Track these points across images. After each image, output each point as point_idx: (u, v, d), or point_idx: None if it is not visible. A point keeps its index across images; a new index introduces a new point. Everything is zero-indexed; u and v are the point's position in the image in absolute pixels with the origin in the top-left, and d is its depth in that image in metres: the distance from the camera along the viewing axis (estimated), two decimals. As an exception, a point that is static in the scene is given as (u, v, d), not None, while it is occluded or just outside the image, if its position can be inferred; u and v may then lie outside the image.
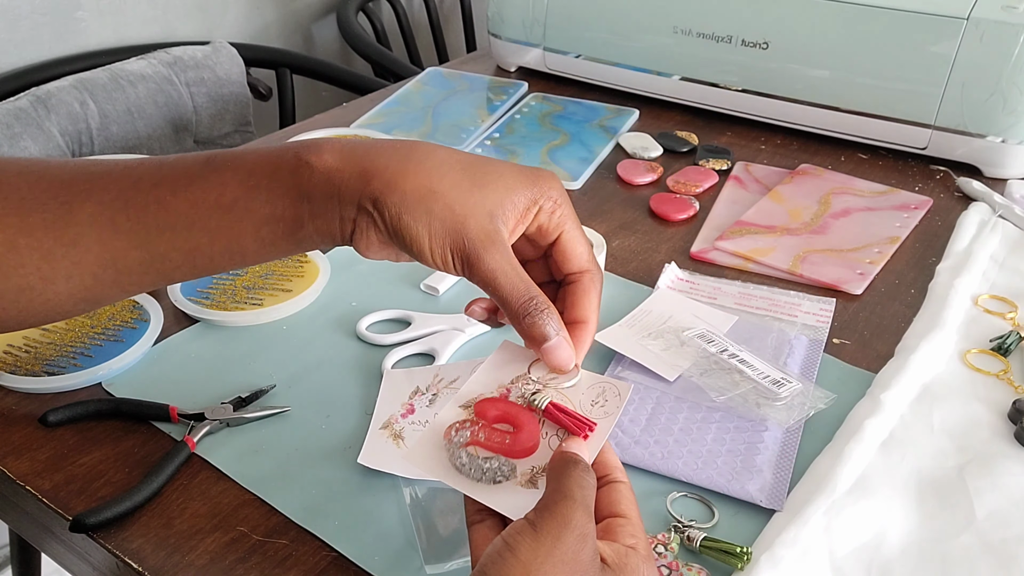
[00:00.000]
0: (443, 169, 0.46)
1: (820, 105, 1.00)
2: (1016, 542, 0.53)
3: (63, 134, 1.28)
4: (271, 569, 0.50)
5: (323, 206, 0.46)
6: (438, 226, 0.45)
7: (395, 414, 0.59)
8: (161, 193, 0.47)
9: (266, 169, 0.47)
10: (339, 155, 0.46)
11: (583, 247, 0.49)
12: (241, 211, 0.47)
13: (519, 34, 1.17)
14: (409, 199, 0.45)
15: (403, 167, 0.46)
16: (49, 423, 0.59)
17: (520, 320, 0.46)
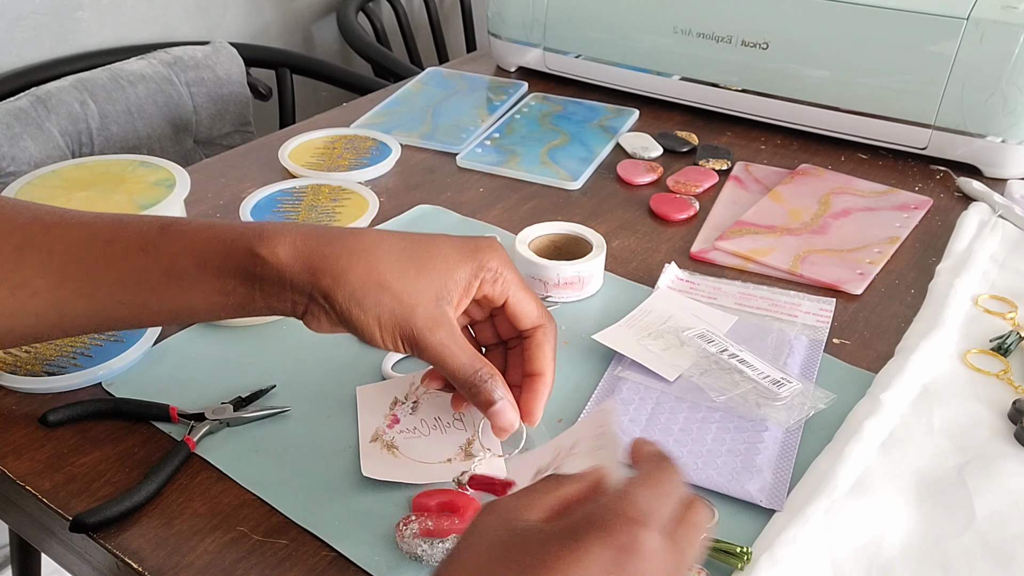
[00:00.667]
0: (390, 259, 0.49)
1: (820, 105, 1.00)
2: (1016, 542, 0.53)
3: (63, 134, 1.28)
4: (271, 569, 0.50)
5: (274, 290, 0.49)
6: (387, 316, 0.48)
7: (380, 426, 0.59)
8: (113, 252, 0.49)
9: (219, 250, 0.49)
10: (291, 249, 0.48)
11: (531, 304, 0.53)
12: (191, 283, 0.49)
13: (519, 34, 1.17)
14: (357, 294, 0.48)
15: (351, 261, 0.48)
16: (49, 423, 0.59)
17: (468, 391, 0.50)
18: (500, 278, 0.51)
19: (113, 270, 0.49)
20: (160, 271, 0.48)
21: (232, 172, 0.94)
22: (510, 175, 0.94)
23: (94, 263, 0.49)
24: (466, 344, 0.50)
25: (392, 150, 0.97)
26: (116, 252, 0.49)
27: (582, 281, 0.73)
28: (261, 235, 0.48)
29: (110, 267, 0.49)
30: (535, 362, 0.53)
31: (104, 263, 0.49)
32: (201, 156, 1.48)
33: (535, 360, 0.53)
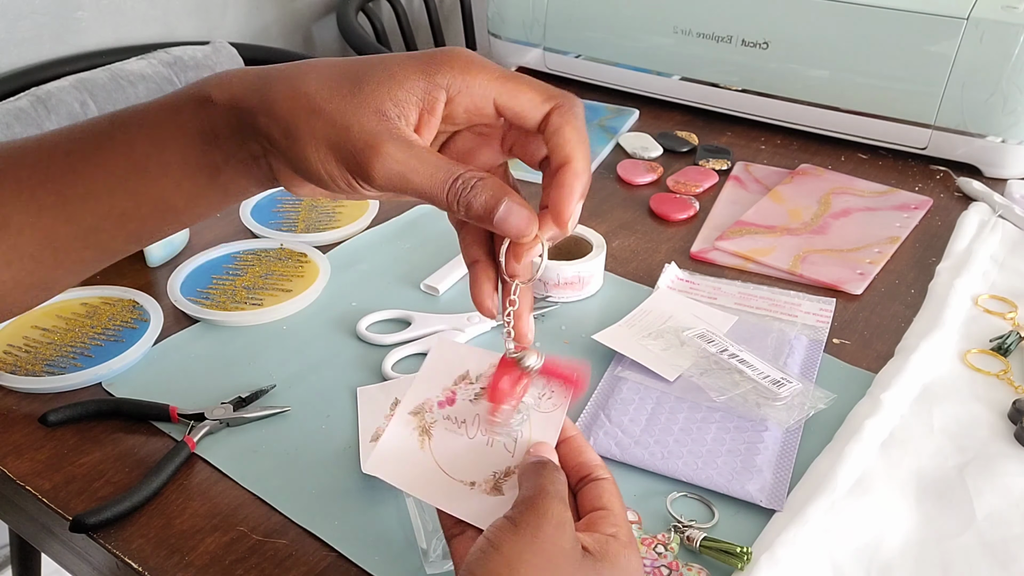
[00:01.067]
0: (319, 80, 0.41)
1: (820, 105, 1.00)
2: (1016, 542, 0.53)
3: (63, 134, 1.28)
4: (271, 569, 0.50)
5: (231, 145, 0.43)
6: (324, 147, 0.40)
7: (381, 425, 0.59)
8: (74, 161, 0.45)
9: (169, 118, 0.44)
10: (240, 85, 0.42)
11: (527, 93, 0.41)
12: (156, 168, 0.44)
13: (519, 34, 1.17)
14: (290, 127, 0.40)
15: (280, 92, 0.41)
16: (49, 423, 0.59)
17: (457, 208, 0.40)
18: (473, 83, 0.41)
19: (81, 180, 0.45)
20: (123, 164, 0.44)
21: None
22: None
23: (61, 177, 0.45)
24: (431, 153, 0.40)
25: (392, 150, 0.97)
26: (76, 159, 0.45)
27: (582, 281, 0.73)
28: (200, 85, 0.43)
29: (77, 177, 0.45)
30: (558, 151, 0.41)
31: (71, 175, 0.45)
32: (201, 156, 1.48)
33: (557, 148, 0.41)
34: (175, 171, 0.44)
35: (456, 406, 0.47)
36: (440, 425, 0.47)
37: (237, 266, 0.75)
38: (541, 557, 0.38)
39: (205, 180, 0.45)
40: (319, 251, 0.77)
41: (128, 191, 0.45)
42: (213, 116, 0.43)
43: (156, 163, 0.44)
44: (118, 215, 0.46)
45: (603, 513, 0.43)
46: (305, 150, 0.40)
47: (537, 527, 0.39)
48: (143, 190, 0.45)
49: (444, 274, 0.75)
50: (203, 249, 0.77)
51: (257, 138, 0.42)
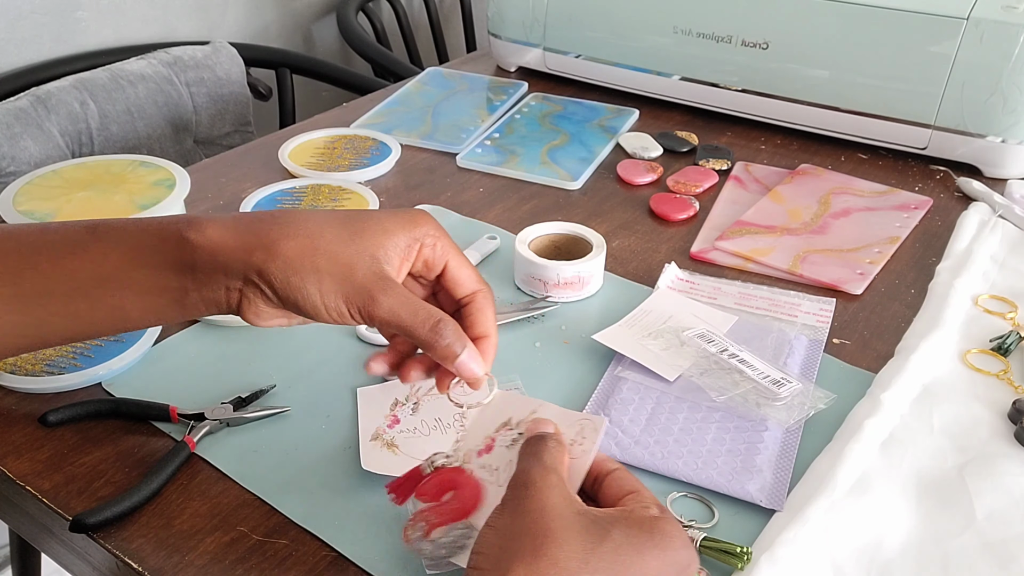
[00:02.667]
0: (321, 227, 0.47)
1: (820, 105, 1.00)
2: (1016, 542, 0.53)
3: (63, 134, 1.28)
4: (271, 569, 0.50)
5: (208, 278, 0.47)
6: (328, 281, 0.46)
7: (381, 426, 0.59)
8: (39, 260, 0.47)
9: (149, 243, 0.47)
10: (221, 230, 0.47)
11: (469, 270, 0.51)
12: (123, 281, 0.47)
13: (519, 34, 1.17)
14: (293, 262, 0.46)
15: (282, 232, 0.47)
16: (49, 423, 0.59)
17: (432, 345, 0.48)
18: (439, 243, 0.50)
19: (42, 279, 0.47)
20: (91, 274, 0.47)
21: (232, 172, 0.94)
22: (510, 175, 0.94)
23: (21, 273, 0.47)
24: (416, 297, 0.48)
25: (392, 150, 0.97)
26: (43, 260, 0.47)
27: (582, 281, 0.73)
28: (191, 222, 0.47)
29: (38, 276, 0.47)
30: (479, 326, 0.51)
31: (31, 272, 0.47)
32: (201, 156, 1.48)
33: (478, 324, 0.51)
34: (141, 287, 0.48)
35: (493, 453, 0.50)
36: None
37: (237, 266, 0.75)
38: (525, 519, 0.41)
39: (168, 301, 0.48)
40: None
41: (88, 298, 0.48)
42: (195, 254, 0.47)
43: (125, 278, 0.47)
44: (70, 315, 0.48)
45: (632, 496, 0.45)
46: (306, 285, 0.46)
47: (520, 496, 0.42)
48: (103, 299, 0.48)
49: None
50: (203, 249, 0.77)
51: (244, 275, 0.46)
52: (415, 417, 0.59)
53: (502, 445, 0.49)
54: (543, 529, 0.40)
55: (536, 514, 0.41)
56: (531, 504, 0.41)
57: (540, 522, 0.40)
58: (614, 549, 0.40)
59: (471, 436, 0.51)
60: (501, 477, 0.48)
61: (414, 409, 0.60)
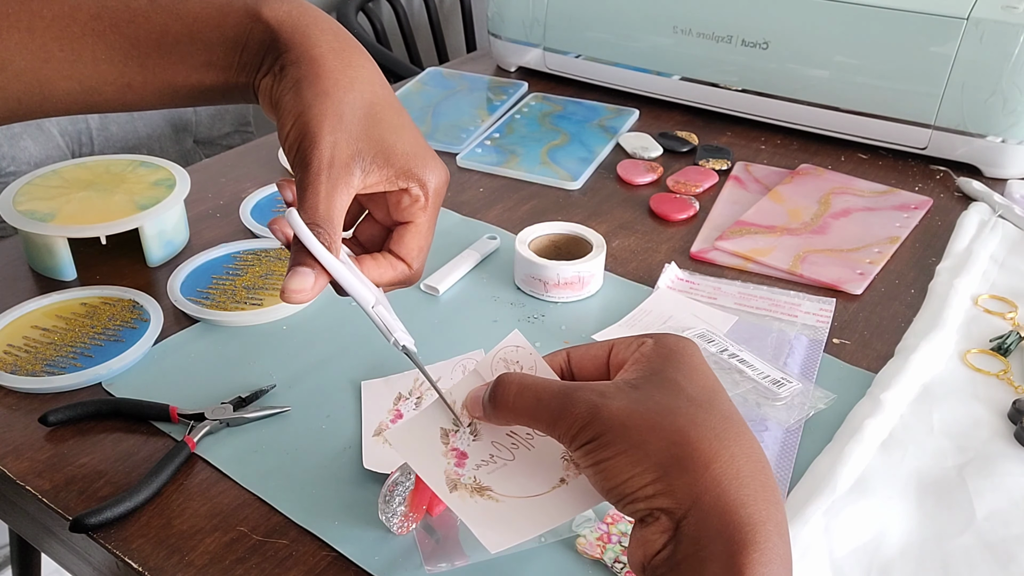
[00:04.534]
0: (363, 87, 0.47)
1: (820, 105, 1.00)
2: (1016, 542, 0.53)
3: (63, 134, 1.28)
4: (271, 569, 0.50)
5: (255, 55, 0.47)
6: (299, 113, 0.45)
7: (384, 420, 0.59)
8: (100, 26, 0.46)
9: (211, 16, 0.47)
10: (288, 9, 0.46)
11: (420, 247, 0.49)
12: (180, 54, 0.47)
13: (519, 34, 1.17)
14: (304, 81, 0.45)
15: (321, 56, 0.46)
16: (49, 423, 0.59)
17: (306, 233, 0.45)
18: (422, 202, 0.48)
19: (100, 44, 0.46)
20: (151, 43, 0.46)
21: (232, 172, 0.94)
22: (510, 175, 0.94)
23: (79, 37, 0.46)
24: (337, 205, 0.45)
25: (392, 150, 0.97)
26: (103, 26, 0.46)
27: (582, 281, 0.73)
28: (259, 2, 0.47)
29: (98, 41, 0.46)
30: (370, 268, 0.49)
31: (91, 37, 0.46)
32: (201, 156, 1.48)
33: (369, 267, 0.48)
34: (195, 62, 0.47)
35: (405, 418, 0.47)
36: None
37: (237, 266, 0.75)
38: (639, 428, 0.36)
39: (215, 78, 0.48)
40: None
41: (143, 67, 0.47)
42: (251, 28, 0.46)
43: (181, 52, 0.47)
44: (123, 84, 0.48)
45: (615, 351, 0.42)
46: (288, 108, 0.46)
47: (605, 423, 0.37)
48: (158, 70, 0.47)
49: (444, 274, 0.75)
50: (203, 249, 0.77)
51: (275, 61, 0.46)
52: None
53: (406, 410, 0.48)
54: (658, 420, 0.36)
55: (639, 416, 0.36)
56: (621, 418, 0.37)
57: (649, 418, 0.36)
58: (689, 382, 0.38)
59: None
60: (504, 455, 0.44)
61: (417, 404, 0.60)
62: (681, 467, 0.35)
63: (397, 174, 0.47)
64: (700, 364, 0.40)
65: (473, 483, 0.44)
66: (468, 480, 0.44)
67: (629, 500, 0.36)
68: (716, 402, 0.38)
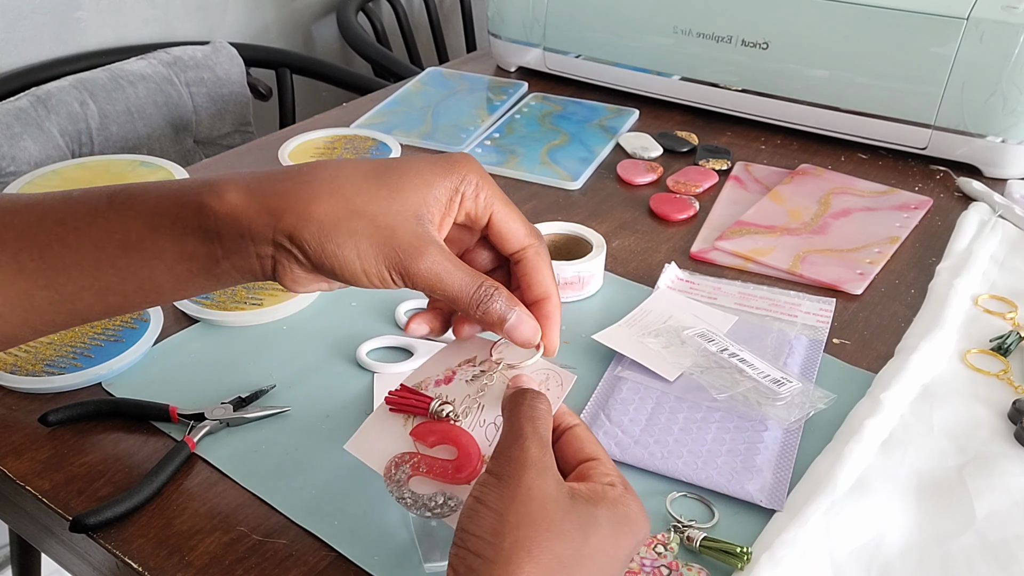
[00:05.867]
0: (355, 184, 0.44)
1: (820, 105, 1.00)
2: (1016, 542, 0.53)
3: (63, 134, 1.28)
4: (271, 569, 0.50)
5: (235, 244, 0.44)
6: (366, 246, 0.43)
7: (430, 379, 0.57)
8: (64, 232, 0.45)
9: (170, 209, 0.45)
10: (242, 193, 0.44)
11: (517, 223, 0.48)
12: (150, 250, 0.45)
13: (519, 34, 1.17)
14: (327, 226, 0.43)
15: (312, 193, 0.44)
16: (49, 423, 0.59)
17: (475, 311, 0.45)
18: (482, 192, 0.46)
19: (68, 251, 0.45)
20: (115, 243, 0.45)
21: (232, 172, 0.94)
22: (510, 175, 0.94)
23: (48, 246, 0.45)
24: (460, 261, 0.45)
25: (392, 150, 0.97)
26: (68, 230, 0.45)
27: (582, 281, 0.73)
28: (210, 186, 0.44)
29: (65, 248, 0.45)
30: (537, 286, 0.47)
31: (58, 244, 0.45)
32: (201, 156, 1.48)
33: (536, 284, 0.47)
34: (170, 256, 0.45)
35: (452, 385, 0.48)
36: (477, 440, 0.47)
37: (237, 266, 0.75)
38: (527, 505, 0.39)
39: (199, 268, 0.45)
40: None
41: (116, 268, 0.45)
42: (216, 220, 0.44)
43: (151, 246, 0.45)
44: (100, 288, 0.46)
45: (592, 464, 0.44)
46: (343, 251, 0.43)
47: (519, 476, 0.40)
48: (132, 269, 0.45)
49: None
50: (203, 249, 0.77)
51: (274, 240, 0.43)
52: (463, 389, 0.56)
53: (461, 379, 0.48)
54: (544, 519, 0.39)
55: (537, 501, 0.39)
56: (531, 489, 0.40)
57: (541, 511, 0.39)
58: (601, 538, 0.40)
59: (432, 365, 0.49)
60: (457, 410, 0.47)
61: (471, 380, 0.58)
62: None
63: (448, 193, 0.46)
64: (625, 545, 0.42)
65: None
66: None
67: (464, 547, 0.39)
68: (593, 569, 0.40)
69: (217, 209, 0.44)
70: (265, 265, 0.45)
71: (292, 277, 0.45)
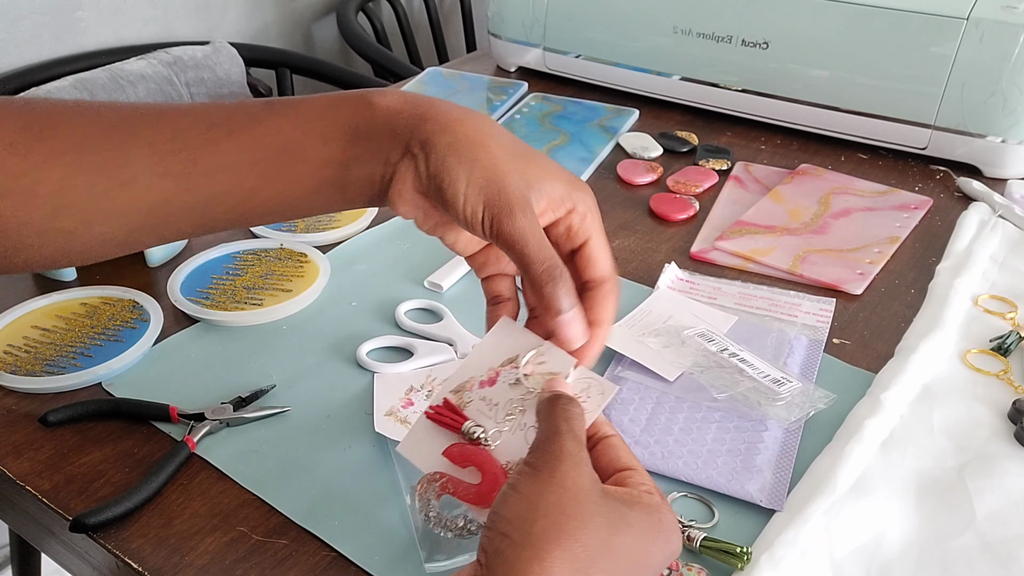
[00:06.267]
0: (497, 133, 0.47)
1: (820, 105, 1.00)
2: (1016, 542, 0.53)
3: (63, 134, 1.28)
4: (271, 569, 0.50)
5: (374, 146, 0.47)
6: (479, 174, 0.45)
7: (395, 406, 0.59)
8: (216, 135, 0.47)
9: (326, 110, 0.47)
10: (402, 98, 0.47)
11: (608, 257, 0.49)
12: (297, 155, 0.47)
13: (519, 34, 1.17)
14: (459, 143, 0.45)
15: (460, 117, 0.47)
16: (49, 423, 0.59)
17: (543, 285, 0.45)
18: (589, 215, 0.48)
19: (217, 153, 0.47)
20: (265, 146, 0.47)
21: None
22: (510, 175, 0.94)
23: (197, 147, 0.46)
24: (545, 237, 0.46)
25: (392, 150, 0.97)
26: (222, 134, 0.47)
27: (582, 281, 0.73)
28: (375, 89, 0.48)
29: (214, 150, 0.47)
30: (599, 311, 0.48)
31: (208, 147, 0.47)
32: (201, 156, 1.48)
33: (599, 309, 0.48)
34: (313, 162, 0.47)
35: (495, 387, 0.48)
36: (474, 406, 0.47)
37: (237, 266, 0.75)
38: (560, 494, 0.39)
39: (332, 175, 0.48)
40: (319, 251, 0.77)
41: (260, 172, 0.47)
42: (371, 116, 0.47)
43: (299, 150, 0.47)
44: (242, 193, 0.48)
45: (629, 473, 0.44)
46: (459, 168, 0.45)
47: (554, 466, 0.40)
48: (276, 174, 0.47)
49: (447, 271, 0.75)
50: (203, 249, 0.77)
51: (408, 142, 0.46)
52: (429, 402, 0.58)
53: (505, 382, 0.48)
54: (575, 509, 0.39)
55: (570, 492, 0.40)
56: (565, 479, 0.40)
57: (573, 501, 0.39)
58: (631, 538, 0.40)
59: (475, 364, 0.49)
60: (500, 414, 0.47)
61: (428, 396, 0.60)
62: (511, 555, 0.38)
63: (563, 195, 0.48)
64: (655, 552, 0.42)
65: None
66: (467, 397, 0.48)
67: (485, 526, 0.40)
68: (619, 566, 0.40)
69: (377, 104, 0.47)
70: (386, 173, 0.47)
71: (400, 190, 0.47)
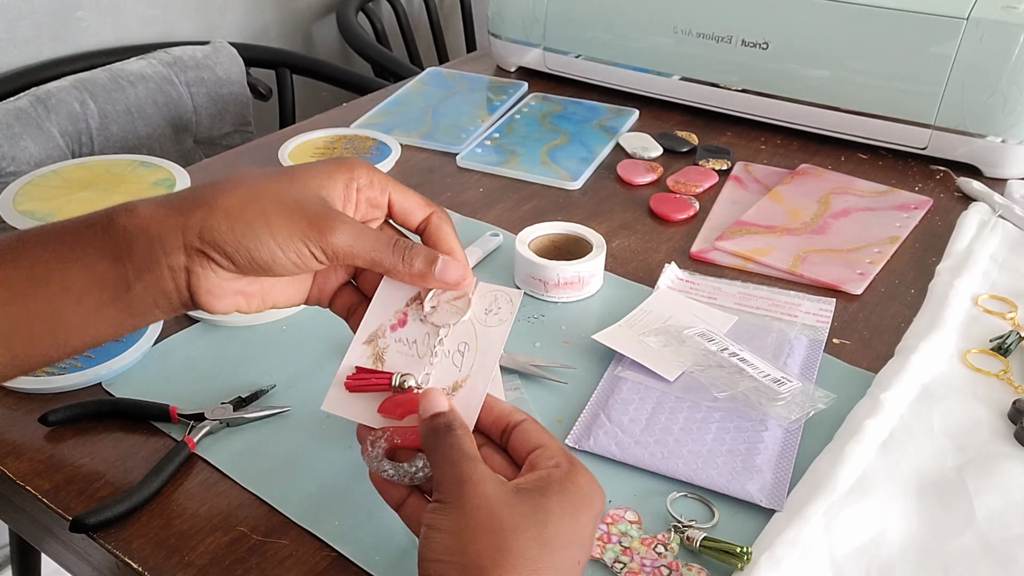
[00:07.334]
0: (257, 177, 0.46)
1: (820, 105, 1.00)
2: (1016, 542, 0.53)
3: (63, 134, 1.28)
4: (271, 569, 0.50)
5: (146, 261, 0.44)
6: (278, 222, 0.44)
7: (384, 325, 0.53)
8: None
9: (78, 235, 0.45)
10: (151, 205, 0.44)
11: (415, 197, 0.50)
12: (58, 283, 0.44)
13: (519, 34, 1.17)
14: (235, 210, 0.44)
15: (217, 189, 0.45)
16: (49, 423, 0.59)
17: (402, 265, 0.47)
18: (375, 180, 0.48)
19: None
20: (23, 280, 0.44)
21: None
22: (510, 175, 0.94)
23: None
24: (367, 226, 0.47)
25: (392, 150, 0.97)
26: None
27: (582, 281, 0.73)
28: (120, 206, 0.45)
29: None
30: (442, 244, 0.49)
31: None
32: (201, 156, 1.48)
33: (441, 242, 0.49)
34: (77, 286, 0.44)
35: (407, 327, 0.50)
36: (392, 348, 0.50)
37: (237, 266, 0.75)
38: (475, 516, 0.40)
39: (108, 297, 0.44)
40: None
41: (23, 307, 0.44)
42: (126, 235, 0.44)
43: (59, 279, 0.44)
44: (7, 332, 0.44)
45: (539, 452, 0.45)
46: (256, 230, 0.44)
47: (459, 494, 0.41)
48: (39, 306, 0.44)
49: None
50: (203, 249, 0.77)
51: (185, 243, 0.44)
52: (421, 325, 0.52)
53: (415, 319, 0.50)
54: (496, 523, 0.40)
55: (483, 510, 0.41)
56: (475, 500, 0.41)
57: (491, 517, 0.40)
58: (556, 524, 0.41)
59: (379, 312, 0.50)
60: (420, 349, 0.48)
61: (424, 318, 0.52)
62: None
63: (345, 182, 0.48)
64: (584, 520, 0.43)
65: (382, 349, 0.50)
66: (382, 344, 0.50)
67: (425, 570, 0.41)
68: (559, 553, 0.41)
69: (126, 223, 0.44)
70: (179, 280, 0.44)
71: (208, 288, 0.45)
